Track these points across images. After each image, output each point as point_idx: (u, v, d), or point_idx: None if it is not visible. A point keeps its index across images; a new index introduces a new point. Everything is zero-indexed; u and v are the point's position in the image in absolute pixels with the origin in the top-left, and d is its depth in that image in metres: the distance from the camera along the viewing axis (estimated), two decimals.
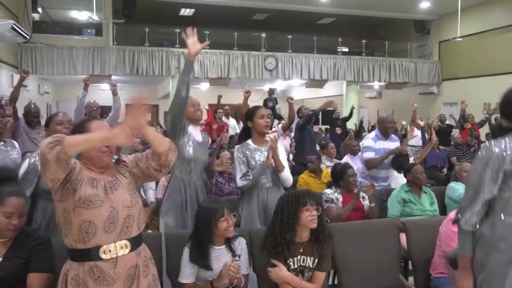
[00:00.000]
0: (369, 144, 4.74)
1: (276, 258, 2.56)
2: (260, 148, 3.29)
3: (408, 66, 14.48)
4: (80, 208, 1.87)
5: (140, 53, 12.12)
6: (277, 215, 2.61)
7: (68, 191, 1.87)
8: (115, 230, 1.92)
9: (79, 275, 1.90)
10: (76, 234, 1.89)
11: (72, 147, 1.77)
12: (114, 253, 1.93)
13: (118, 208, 1.94)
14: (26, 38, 9.70)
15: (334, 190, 3.88)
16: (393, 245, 3.16)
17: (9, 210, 2.24)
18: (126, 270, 1.95)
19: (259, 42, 13.70)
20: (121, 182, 2.01)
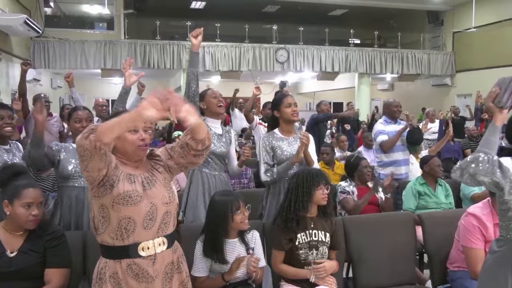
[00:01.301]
0: (380, 128, 4.76)
1: (286, 233, 2.65)
2: (288, 138, 3.20)
3: (421, 58, 14.31)
4: (119, 205, 1.82)
5: (152, 46, 12.13)
6: (291, 192, 2.71)
7: (105, 187, 1.82)
8: (153, 226, 1.89)
9: (117, 273, 1.86)
10: (115, 231, 1.84)
11: (106, 133, 1.68)
12: (153, 250, 1.89)
13: (157, 204, 1.90)
14: (38, 33, 9.78)
15: (349, 183, 3.86)
16: (408, 238, 3.13)
17: (27, 201, 2.25)
18: (164, 268, 1.92)
19: (270, 35, 13.64)
20: (157, 177, 1.96)
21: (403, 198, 4.14)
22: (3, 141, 2.97)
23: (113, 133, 1.70)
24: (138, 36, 12.61)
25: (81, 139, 1.70)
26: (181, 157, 1.99)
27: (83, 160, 1.74)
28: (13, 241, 2.28)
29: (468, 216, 2.75)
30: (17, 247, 2.27)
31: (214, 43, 12.69)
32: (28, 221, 2.25)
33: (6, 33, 9.29)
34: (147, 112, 1.60)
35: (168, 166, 2.02)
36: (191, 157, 1.97)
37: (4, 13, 9.00)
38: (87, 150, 1.70)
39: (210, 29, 13.25)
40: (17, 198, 2.25)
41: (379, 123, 4.90)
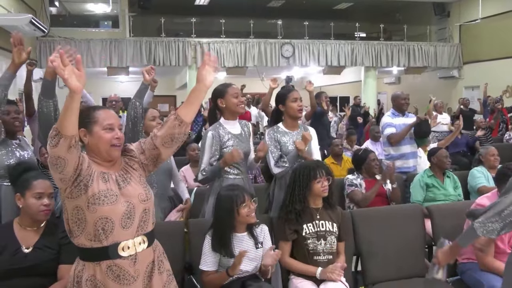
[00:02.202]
0: (388, 121, 4.74)
1: (290, 224, 2.69)
2: (291, 133, 3.18)
3: (427, 50, 14.20)
4: (95, 205, 1.76)
5: (157, 44, 12.15)
6: (289, 187, 2.78)
7: (79, 187, 1.75)
8: (132, 225, 1.83)
9: (95, 275, 1.79)
10: (92, 233, 1.78)
11: (66, 126, 1.63)
12: (133, 249, 1.83)
13: (134, 203, 1.84)
14: (44, 32, 9.81)
15: (357, 176, 3.86)
16: (417, 230, 3.12)
17: (38, 191, 2.28)
18: (145, 267, 1.87)
19: (275, 30, 13.60)
20: (132, 175, 1.90)
21: (411, 190, 4.12)
22: (13, 136, 3.03)
23: (71, 120, 1.64)
24: (143, 33, 12.63)
25: (51, 149, 1.65)
26: (152, 148, 1.91)
27: (57, 168, 1.69)
28: (29, 237, 2.31)
29: (477, 207, 2.73)
30: (32, 243, 2.29)
31: (219, 39, 12.69)
32: (40, 212, 2.28)
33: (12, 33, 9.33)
34: (74, 81, 1.59)
35: (141, 161, 1.95)
36: (160, 146, 1.89)
37: (9, 13, 9.04)
38: (59, 158, 1.66)
39: (215, 25, 13.26)
40: (28, 189, 2.28)
41: (387, 115, 4.88)
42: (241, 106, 3.06)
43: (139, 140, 1.99)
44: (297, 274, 2.68)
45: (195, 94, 1.90)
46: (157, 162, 1.97)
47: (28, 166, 2.53)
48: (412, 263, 3.05)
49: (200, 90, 1.89)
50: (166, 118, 1.90)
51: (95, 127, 1.84)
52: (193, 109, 1.90)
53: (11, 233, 2.30)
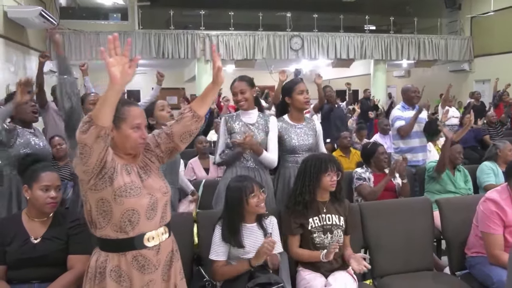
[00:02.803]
0: (397, 114, 4.72)
1: (295, 217, 2.69)
2: (296, 125, 3.19)
3: (438, 43, 14.06)
4: (122, 197, 1.80)
5: (166, 36, 12.14)
6: (299, 177, 2.75)
7: (104, 179, 1.78)
8: (155, 216, 1.88)
9: (120, 266, 1.84)
10: (118, 224, 1.82)
11: (101, 117, 1.64)
12: (157, 240, 1.89)
13: (157, 195, 1.90)
14: (54, 24, 9.84)
15: (365, 169, 3.84)
16: (426, 224, 3.11)
17: (45, 183, 2.30)
18: (165, 256, 1.93)
19: (284, 22, 13.53)
20: (151, 168, 1.96)
21: (426, 177, 4.10)
22: (28, 125, 3.07)
23: (106, 112, 1.65)
24: (152, 26, 12.62)
25: (79, 135, 1.65)
26: (168, 142, 1.96)
27: (83, 157, 1.70)
28: (37, 228, 2.33)
29: (487, 202, 2.72)
30: (40, 234, 2.32)
31: (228, 32, 12.65)
32: (46, 204, 2.30)
33: (22, 26, 9.38)
34: (121, 76, 1.60)
35: (157, 154, 1.99)
36: (178, 141, 1.94)
37: (20, 5, 9.09)
38: (86, 146, 1.67)
39: (223, 17, 13.22)
40: (35, 181, 2.30)
41: (397, 109, 4.85)
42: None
43: (152, 133, 2.03)
44: (305, 266, 2.69)
45: (212, 93, 1.95)
46: (172, 154, 2.03)
47: (37, 158, 2.54)
48: (421, 257, 3.05)
49: (216, 90, 1.95)
50: (181, 115, 1.93)
51: (123, 124, 1.87)
52: (207, 105, 1.97)
53: (20, 224, 2.33)
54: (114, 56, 1.60)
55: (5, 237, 2.27)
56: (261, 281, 2.42)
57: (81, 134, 1.65)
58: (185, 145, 2.01)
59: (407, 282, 2.84)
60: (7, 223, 2.36)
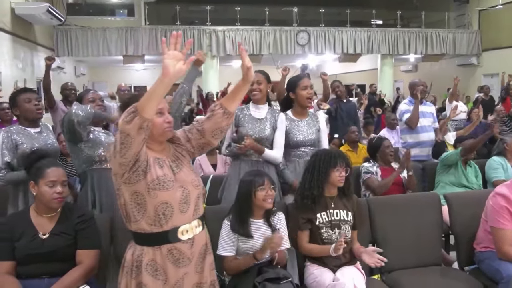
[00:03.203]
0: (405, 108, 4.70)
1: (303, 213, 2.68)
2: (300, 121, 3.20)
3: (445, 37, 13.97)
4: (156, 190, 1.81)
5: (172, 32, 12.08)
6: (308, 171, 2.73)
7: (138, 172, 1.79)
8: (189, 210, 1.89)
9: (155, 259, 1.85)
10: (152, 217, 1.83)
11: (146, 109, 1.65)
12: (191, 233, 1.90)
13: (189, 188, 1.91)
14: (61, 21, 9.89)
15: (373, 163, 3.84)
16: (434, 218, 3.09)
17: (51, 179, 2.31)
18: (199, 249, 1.94)
19: (290, 17, 13.49)
20: (182, 161, 1.96)
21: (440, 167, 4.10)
22: (35, 123, 3.04)
23: (153, 104, 1.68)
24: (159, 22, 12.65)
25: (124, 125, 1.66)
26: (199, 138, 1.99)
27: (123, 148, 1.70)
28: (45, 224, 2.34)
29: (496, 196, 2.70)
30: (48, 230, 2.33)
31: (234, 27, 12.64)
32: (53, 199, 2.30)
33: (30, 22, 9.42)
34: (173, 70, 1.62)
35: (188, 149, 2.02)
36: (209, 137, 1.98)
37: (27, 2, 9.13)
38: (129, 136, 1.68)
39: (230, 13, 13.20)
40: (41, 177, 2.31)
41: (404, 103, 4.83)
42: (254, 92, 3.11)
43: (183, 128, 2.05)
44: (313, 261, 2.69)
45: (242, 90, 1.95)
46: (203, 150, 2.07)
47: (42, 154, 2.54)
48: (429, 252, 3.04)
49: (246, 88, 1.96)
50: (211, 111, 1.95)
51: None
52: (238, 102, 1.99)
53: (28, 220, 2.34)
54: (172, 50, 1.65)
55: (14, 233, 2.29)
56: (269, 276, 2.42)
57: (126, 124, 1.66)
58: (218, 141, 2.04)
59: (415, 277, 2.82)
60: (15, 219, 2.37)
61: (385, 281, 2.85)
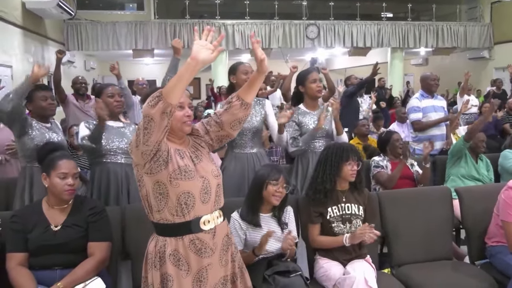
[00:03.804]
0: (414, 105, 4.65)
1: (315, 206, 2.70)
2: (312, 113, 3.24)
3: (457, 30, 13.79)
4: (178, 180, 1.83)
5: (181, 26, 12.14)
6: (320, 164, 2.74)
7: (159, 162, 1.81)
8: (210, 200, 1.91)
9: (178, 250, 1.87)
10: (174, 207, 1.85)
11: (172, 94, 1.67)
12: (213, 223, 1.91)
13: (209, 178, 1.92)
14: (71, 15, 9.91)
15: (383, 157, 3.83)
16: (445, 212, 3.08)
17: (62, 171, 2.35)
18: (221, 240, 1.95)
19: (300, 11, 13.41)
20: (202, 152, 1.99)
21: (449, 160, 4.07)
22: (46, 119, 3.10)
23: (178, 90, 1.69)
24: (168, 16, 12.62)
25: (148, 109, 1.67)
26: (217, 130, 2.00)
27: (146, 133, 1.71)
28: (57, 216, 2.37)
29: (509, 190, 2.68)
30: (60, 222, 2.36)
31: (243, 21, 12.60)
32: (64, 191, 2.34)
33: (40, 16, 9.46)
34: (201, 55, 1.66)
35: (207, 141, 2.04)
36: (228, 129, 1.99)
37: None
38: (152, 121, 1.68)
39: (239, 6, 13.15)
40: (53, 169, 2.35)
41: (415, 98, 4.76)
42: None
43: (201, 121, 2.07)
44: (323, 255, 2.69)
45: (258, 82, 1.95)
46: (223, 142, 2.08)
47: (55, 147, 2.61)
48: (440, 246, 3.03)
49: (262, 79, 1.95)
50: (229, 103, 1.96)
51: None
52: (254, 93, 1.98)
53: (40, 212, 2.37)
54: (203, 39, 1.69)
55: (27, 225, 2.32)
56: (279, 269, 2.43)
57: (150, 108, 1.67)
58: (237, 132, 2.05)
59: (425, 271, 2.81)
60: (28, 211, 2.41)
61: (396, 275, 2.85)
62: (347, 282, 2.44)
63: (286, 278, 2.40)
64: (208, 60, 1.67)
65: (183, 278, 1.86)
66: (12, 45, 8.17)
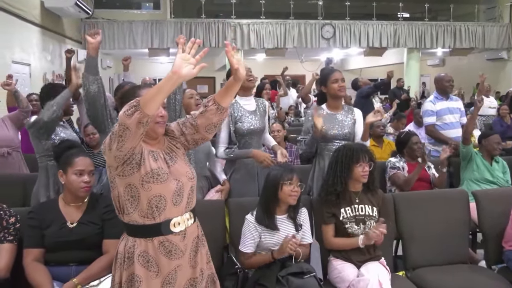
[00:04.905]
0: (428, 108, 4.58)
1: (327, 207, 2.70)
2: (335, 114, 3.18)
3: (475, 30, 13.60)
4: (150, 183, 1.80)
5: (197, 25, 12.18)
6: (331, 167, 2.74)
7: (132, 165, 1.79)
8: (182, 202, 1.89)
9: (147, 251, 1.85)
10: (145, 210, 1.83)
11: (149, 105, 1.63)
12: (183, 225, 1.90)
13: (183, 180, 1.90)
14: (88, 14, 10.02)
15: (399, 159, 3.79)
16: (462, 215, 3.04)
17: (78, 168, 2.37)
18: (191, 242, 1.94)
19: (315, 10, 13.35)
20: (177, 154, 1.95)
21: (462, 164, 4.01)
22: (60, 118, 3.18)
23: (157, 101, 1.65)
24: (184, 15, 12.69)
25: (124, 118, 1.64)
26: (193, 133, 1.96)
27: (121, 140, 1.69)
28: (73, 213, 2.40)
29: None
30: (76, 219, 2.39)
31: (259, 20, 12.59)
32: (80, 188, 2.36)
33: (58, 15, 9.58)
34: (184, 70, 1.61)
35: (182, 142, 1.99)
36: (203, 132, 1.94)
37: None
38: (127, 129, 1.66)
39: (254, 6, 13.15)
40: (69, 166, 2.38)
41: (429, 101, 4.67)
42: (250, 79, 3.21)
43: (177, 121, 2.02)
44: (337, 256, 2.68)
45: (234, 88, 1.89)
46: (198, 144, 2.03)
47: (71, 144, 2.65)
48: (455, 249, 2.99)
49: (238, 86, 1.89)
50: (205, 107, 1.91)
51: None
52: (231, 98, 1.94)
53: (57, 209, 2.40)
54: (186, 52, 1.64)
55: (43, 221, 2.35)
56: (293, 270, 2.43)
57: (126, 117, 1.64)
58: (212, 135, 2.02)
59: (441, 275, 2.78)
60: (45, 208, 2.44)
61: (410, 278, 2.82)
62: (361, 284, 2.42)
63: (299, 279, 2.39)
64: (189, 76, 1.63)
65: (152, 279, 1.85)
66: (31, 43, 8.28)
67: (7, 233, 2.35)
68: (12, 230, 2.37)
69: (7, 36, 7.25)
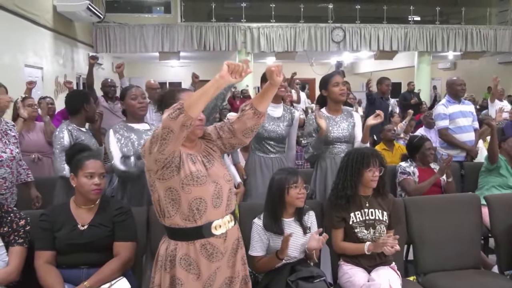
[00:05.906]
0: (440, 111, 4.54)
1: (337, 211, 2.67)
2: (334, 117, 3.21)
3: (486, 34, 13.50)
4: (190, 186, 1.84)
5: (207, 28, 12.24)
6: (341, 171, 2.72)
7: (171, 168, 1.82)
8: (221, 205, 1.91)
9: (189, 254, 1.88)
10: (186, 213, 1.86)
11: (193, 108, 1.68)
12: (225, 228, 1.92)
13: (221, 183, 1.93)
14: (100, 18, 10.13)
15: (410, 163, 3.75)
16: (474, 220, 3.01)
17: (89, 171, 2.39)
18: (231, 244, 1.97)
19: (326, 14, 13.34)
20: (214, 157, 1.99)
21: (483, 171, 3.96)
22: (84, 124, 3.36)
23: (201, 104, 1.71)
24: (194, 18, 12.76)
25: (169, 121, 1.68)
26: (230, 137, 1.99)
27: (164, 143, 1.72)
28: (84, 216, 2.41)
29: None
30: (87, 221, 2.40)
31: (269, 24, 12.62)
32: (91, 191, 2.37)
33: (70, 19, 9.68)
34: (227, 78, 1.68)
35: (218, 145, 2.03)
36: (240, 136, 1.98)
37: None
38: (171, 132, 1.69)
39: (264, 9, 13.18)
40: (80, 169, 2.39)
41: (441, 104, 4.63)
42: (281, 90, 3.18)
43: (214, 125, 2.06)
44: (347, 260, 2.66)
45: (270, 92, 1.92)
46: (235, 148, 2.09)
47: (82, 147, 2.66)
48: (467, 254, 2.96)
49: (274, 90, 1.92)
50: (242, 111, 1.95)
51: None
52: (268, 102, 1.96)
53: (68, 211, 2.42)
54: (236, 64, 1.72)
55: (55, 224, 2.36)
56: (303, 274, 2.42)
57: (171, 120, 1.68)
58: (249, 139, 2.04)
59: (452, 280, 2.75)
60: (57, 211, 2.45)
61: (421, 283, 2.80)
62: None
63: (309, 284, 2.38)
64: (233, 81, 1.71)
65: (193, 281, 1.88)
66: (43, 47, 8.38)
67: (17, 235, 2.37)
68: (22, 232, 2.38)
69: (20, 40, 7.34)
